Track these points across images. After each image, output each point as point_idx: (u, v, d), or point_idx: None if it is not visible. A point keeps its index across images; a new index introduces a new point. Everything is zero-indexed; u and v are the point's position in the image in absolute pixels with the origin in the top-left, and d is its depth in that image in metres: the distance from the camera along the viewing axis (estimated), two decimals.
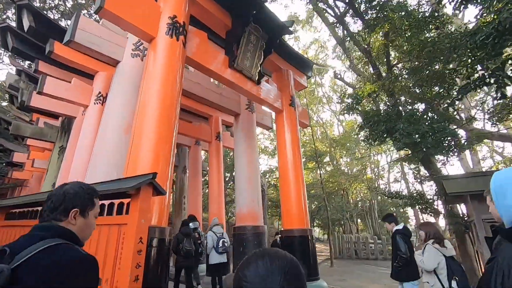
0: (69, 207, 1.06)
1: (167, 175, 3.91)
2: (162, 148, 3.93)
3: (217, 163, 9.01)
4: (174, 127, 4.26)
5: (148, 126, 3.98)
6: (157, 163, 3.82)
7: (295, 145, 7.24)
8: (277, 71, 7.83)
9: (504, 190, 1.05)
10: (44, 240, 0.93)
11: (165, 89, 4.26)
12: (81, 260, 0.95)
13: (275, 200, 23.56)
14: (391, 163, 29.36)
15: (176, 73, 4.46)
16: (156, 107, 4.11)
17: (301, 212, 6.68)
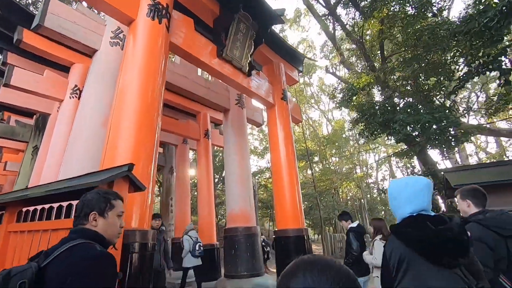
0: (88, 212, 1.23)
1: (149, 172, 3.47)
2: (144, 142, 3.49)
3: (206, 162, 8.56)
4: (157, 118, 3.82)
5: (127, 116, 3.53)
6: (137, 158, 3.38)
7: (288, 140, 6.89)
8: (268, 64, 7.48)
9: (396, 194, 1.40)
10: (71, 241, 1.09)
11: (147, 76, 3.82)
12: (96, 257, 1.07)
13: (265, 201, 23.19)
14: (380, 161, 29.60)
15: (159, 59, 4.03)
16: (136, 95, 3.66)
17: (296, 211, 6.33)
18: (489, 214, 1.95)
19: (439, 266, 1.18)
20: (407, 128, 4.75)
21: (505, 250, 1.80)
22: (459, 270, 1.20)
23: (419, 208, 1.32)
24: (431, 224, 1.23)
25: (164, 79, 4.20)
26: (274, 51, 7.41)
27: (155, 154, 3.68)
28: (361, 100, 6.68)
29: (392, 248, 1.30)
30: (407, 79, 6.30)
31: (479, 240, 1.81)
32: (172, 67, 6.51)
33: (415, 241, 1.22)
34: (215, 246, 8.05)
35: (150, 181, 3.49)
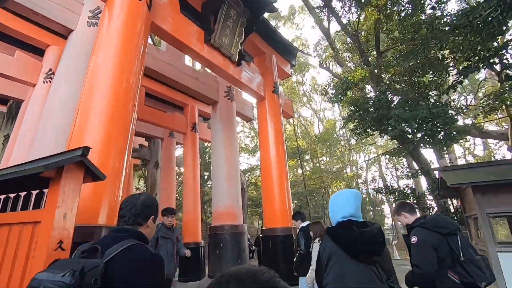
0: (149, 215, 1.37)
1: (121, 165, 3.11)
2: (116, 132, 3.14)
3: (193, 156, 8.18)
4: (133, 106, 3.47)
5: (98, 102, 3.17)
6: (107, 149, 3.02)
7: (279, 135, 6.59)
8: (259, 56, 7.15)
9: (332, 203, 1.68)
10: (124, 240, 1.17)
11: (123, 57, 3.46)
12: (152, 257, 1.18)
13: (255, 199, 22.87)
14: (370, 161, 29.70)
15: (138, 39, 3.66)
16: (109, 79, 3.30)
17: (284, 209, 6.05)
18: (428, 217, 2.22)
19: (358, 262, 1.43)
20: (403, 124, 4.50)
21: (448, 247, 2.05)
22: (374, 267, 1.47)
23: (348, 215, 1.57)
24: (356, 228, 1.50)
25: (143, 63, 3.83)
26: (266, 42, 7.09)
27: (129, 146, 3.32)
28: (355, 95, 6.44)
29: (325, 247, 1.55)
30: (402, 75, 6.07)
31: (424, 241, 2.07)
32: (157, 53, 6.11)
33: (342, 241, 1.47)
34: (200, 244, 7.70)
35: (122, 174, 3.13)
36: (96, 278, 1.00)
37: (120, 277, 1.06)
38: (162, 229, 3.98)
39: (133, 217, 1.32)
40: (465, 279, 1.96)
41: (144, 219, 1.34)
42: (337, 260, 1.46)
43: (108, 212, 2.89)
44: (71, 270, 0.99)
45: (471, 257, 2.02)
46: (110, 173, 2.98)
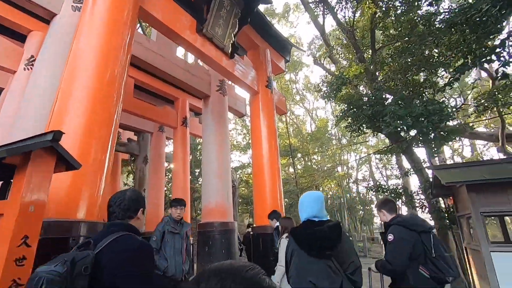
0: (138, 207, 1.45)
1: (103, 158, 2.91)
2: (97, 124, 2.95)
3: (183, 151, 7.97)
4: (118, 97, 3.28)
5: (79, 92, 2.97)
6: (88, 141, 2.83)
7: (272, 131, 6.45)
8: (253, 49, 6.98)
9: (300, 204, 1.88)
10: (114, 233, 1.25)
11: (108, 42, 3.26)
12: (140, 246, 1.25)
13: (246, 196, 22.74)
14: (360, 161, 29.93)
15: (125, 23, 3.45)
16: (92, 65, 3.10)
17: (276, 207, 5.91)
18: (404, 216, 2.39)
19: (313, 257, 1.58)
20: (398, 121, 4.42)
21: (421, 245, 2.19)
22: (330, 261, 1.59)
23: (310, 215, 1.73)
24: (314, 227, 1.65)
25: (129, 50, 3.62)
26: (260, 36, 6.92)
27: (113, 138, 3.13)
28: (349, 92, 6.34)
29: (289, 243, 1.71)
30: (397, 72, 6.00)
31: (401, 238, 2.22)
32: (147, 43, 5.87)
33: (299, 238, 1.64)
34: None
35: (104, 166, 2.93)
36: (87, 266, 1.08)
37: (109, 269, 1.13)
38: (169, 223, 3.46)
39: (123, 212, 1.39)
40: (435, 274, 2.12)
41: (134, 212, 1.43)
42: (297, 255, 1.64)
43: (88, 206, 2.69)
44: (62, 260, 1.08)
45: (442, 254, 2.19)
46: (91, 165, 2.80)
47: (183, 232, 3.54)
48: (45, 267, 1.07)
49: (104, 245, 1.19)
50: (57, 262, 1.08)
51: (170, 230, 3.41)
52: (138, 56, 5.65)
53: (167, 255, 3.33)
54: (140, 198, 1.49)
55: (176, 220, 3.49)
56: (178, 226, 3.50)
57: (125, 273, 1.15)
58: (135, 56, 5.63)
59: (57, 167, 1.70)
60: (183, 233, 3.53)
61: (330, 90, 5.86)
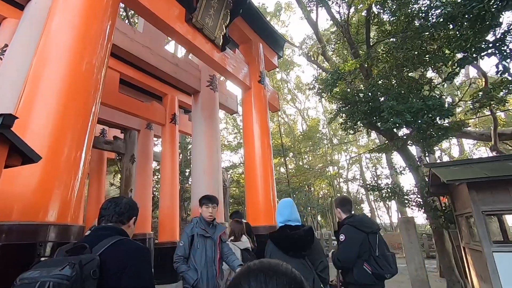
0: (131, 215, 1.46)
1: (77, 157, 2.61)
2: (72, 120, 2.66)
3: (171, 149, 7.64)
4: (95, 87, 2.97)
5: (50, 82, 2.67)
6: (60, 138, 2.53)
7: (264, 127, 6.21)
8: (245, 43, 6.73)
9: (279, 208, 2.16)
10: (110, 237, 1.22)
11: (85, 26, 2.95)
12: (141, 248, 1.26)
13: (237, 197, 22.44)
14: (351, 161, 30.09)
15: (104, 8, 3.15)
16: (66, 53, 2.80)
17: (269, 206, 5.68)
18: (356, 217, 2.54)
19: (290, 256, 1.82)
20: (396, 117, 4.25)
21: (368, 244, 2.40)
22: (304, 260, 1.86)
23: (285, 220, 1.98)
24: (289, 230, 1.90)
25: (110, 37, 3.31)
26: (253, 29, 6.68)
27: (90, 134, 2.82)
28: (344, 88, 6.16)
29: (268, 245, 1.93)
30: (392, 68, 5.85)
31: (351, 238, 2.41)
32: (133, 33, 5.53)
33: (277, 240, 1.90)
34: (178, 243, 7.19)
35: (79, 164, 2.62)
36: (95, 270, 1.06)
37: (113, 273, 1.12)
38: (200, 224, 2.81)
39: (116, 215, 1.38)
40: (376, 271, 2.36)
41: (127, 219, 1.42)
42: (275, 255, 1.83)
43: (60, 207, 2.38)
44: (69, 263, 1.01)
45: (384, 253, 2.41)
46: (64, 161, 2.49)
47: (216, 237, 2.83)
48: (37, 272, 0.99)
49: (104, 248, 1.16)
50: (57, 266, 1.01)
51: (200, 233, 2.76)
52: (123, 48, 5.31)
53: (197, 265, 2.67)
54: (135, 207, 1.50)
55: (207, 221, 2.83)
56: (210, 228, 2.84)
57: (130, 277, 1.15)
58: (119, 48, 5.30)
59: (11, 159, 1.40)
60: (217, 237, 2.83)
61: (325, 86, 5.65)
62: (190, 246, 2.74)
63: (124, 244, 1.23)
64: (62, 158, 2.48)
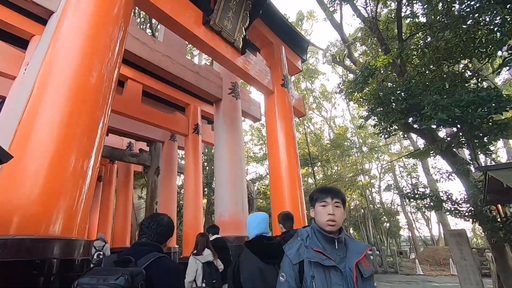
0: (169, 236, 1.55)
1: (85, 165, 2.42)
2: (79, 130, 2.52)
3: (195, 160, 7.47)
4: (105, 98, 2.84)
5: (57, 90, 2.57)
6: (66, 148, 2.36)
7: (289, 134, 5.83)
8: (266, 47, 6.48)
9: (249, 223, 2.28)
10: (152, 253, 1.34)
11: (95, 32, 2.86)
12: (178, 267, 1.40)
13: (264, 209, 21.94)
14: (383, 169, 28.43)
15: (116, 11, 3.03)
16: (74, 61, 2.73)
17: (298, 218, 5.20)
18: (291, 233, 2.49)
19: (265, 263, 2.00)
20: (441, 113, 3.67)
21: None
22: (275, 267, 1.99)
23: (262, 232, 2.20)
24: (265, 240, 2.13)
25: (121, 47, 3.17)
26: (274, 32, 6.43)
27: (98, 146, 2.64)
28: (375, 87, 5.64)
29: (244, 252, 2.12)
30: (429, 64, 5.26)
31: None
32: (153, 43, 5.50)
33: (255, 249, 2.08)
34: None
35: (86, 177, 2.42)
36: (142, 282, 1.17)
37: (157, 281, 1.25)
38: (313, 241, 1.43)
39: (157, 236, 1.46)
40: None
41: (166, 239, 1.51)
42: (251, 262, 1.99)
43: (65, 220, 2.16)
44: (122, 274, 1.13)
45: None
46: (71, 173, 2.29)
47: (351, 265, 1.34)
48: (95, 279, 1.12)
49: (148, 263, 1.26)
50: (112, 275, 1.12)
51: (313, 260, 1.37)
52: (143, 58, 5.27)
53: None
54: (173, 227, 1.59)
55: (327, 234, 1.40)
56: (335, 249, 1.39)
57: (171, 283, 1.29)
58: (140, 58, 5.27)
59: None
60: (351, 266, 1.33)
61: (355, 84, 5.18)
62: (300, 282, 1.40)
63: (164, 261, 1.32)
64: (68, 169, 2.29)
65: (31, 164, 2.12)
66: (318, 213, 1.45)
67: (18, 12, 4.81)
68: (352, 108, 31.36)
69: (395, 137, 29.82)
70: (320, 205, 1.44)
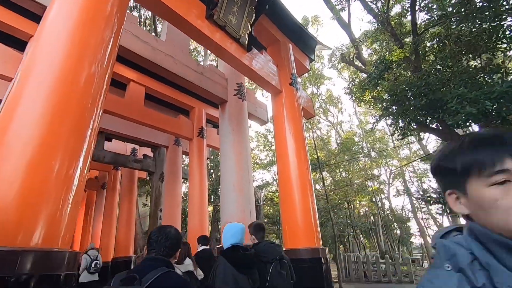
0: (178, 248, 1.58)
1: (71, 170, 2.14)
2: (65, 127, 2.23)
3: (199, 165, 7.17)
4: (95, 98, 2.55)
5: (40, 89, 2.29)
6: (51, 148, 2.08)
7: (299, 136, 5.50)
8: (273, 45, 6.21)
9: (225, 233, 2.37)
10: (158, 268, 1.33)
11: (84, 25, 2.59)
12: (184, 280, 1.39)
13: (272, 216, 21.47)
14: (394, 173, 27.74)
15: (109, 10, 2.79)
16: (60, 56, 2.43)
17: (309, 226, 4.84)
18: (260, 244, 2.66)
19: (240, 272, 2.10)
20: (469, 107, 3.32)
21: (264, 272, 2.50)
22: (247, 277, 2.16)
23: (235, 242, 2.28)
24: (241, 251, 2.23)
25: (115, 44, 2.90)
26: (281, 30, 6.17)
27: (87, 150, 2.35)
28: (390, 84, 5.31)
29: (220, 261, 2.17)
30: (447, 59, 4.91)
31: None
32: (155, 42, 5.28)
33: (231, 258, 2.15)
34: None
35: (72, 184, 2.13)
36: None
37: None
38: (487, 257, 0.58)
39: (166, 250, 1.49)
40: None
41: (175, 251, 1.55)
42: (226, 271, 2.09)
43: (46, 230, 1.86)
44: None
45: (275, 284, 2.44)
46: (54, 179, 2.01)
47: None
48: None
49: (153, 279, 1.27)
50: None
51: None
52: (145, 57, 5.05)
53: None
54: (181, 239, 1.61)
55: None
56: None
57: None
58: (141, 57, 5.04)
59: None
60: None
61: (369, 80, 4.85)
62: None
63: (170, 278, 1.32)
64: (50, 171, 2.01)
65: (5, 164, 1.84)
66: (490, 204, 0.57)
67: (15, 12, 4.64)
68: (359, 113, 30.94)
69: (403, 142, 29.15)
70: (492, 183, 0.57)
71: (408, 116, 4.54)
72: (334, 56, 27.45)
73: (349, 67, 20.82)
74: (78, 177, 2.17)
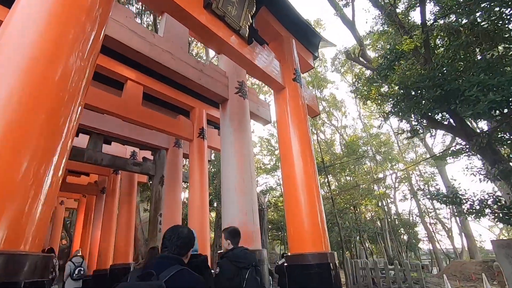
0: (190, 247, 1.64)
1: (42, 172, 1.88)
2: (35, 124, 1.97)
3: (200, 166, 6.89)
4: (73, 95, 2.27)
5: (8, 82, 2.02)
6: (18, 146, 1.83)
7: (303, 133, 5.20)
8: (275, 40, 5.97)
9: None
10: (173, 266, 1.41)
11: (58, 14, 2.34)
12: (198, 278, 1.44)
13: (276, 221, 21.03)
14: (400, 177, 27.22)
15: None
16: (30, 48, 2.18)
17: (316, 228, 4.51)
18: (235, 250, 2.75)
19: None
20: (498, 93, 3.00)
21: (239, 278, 2.58)
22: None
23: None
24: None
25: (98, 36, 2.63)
26: (283, 25, 5.93)
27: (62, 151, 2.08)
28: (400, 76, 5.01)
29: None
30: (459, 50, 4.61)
31: (223, 271, 2.63)
32: (152, 38, 5.05)
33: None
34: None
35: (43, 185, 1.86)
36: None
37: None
38: None
39: (178, 249, 1.56)
40: None
41: (187, 251, 1.61)
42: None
43: (8, 232, 1.58)
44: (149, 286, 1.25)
45: None
46: (21, 179, 1.74)
47: None
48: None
49: (169, 276, 1.32)
50: None
51: None
52: (141, 52, 4.82)
53: None
54: (193, 238, 1.69)
55: None
56: None
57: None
58: (138, 52, 4.81)
59: None
60: None
61: (378, 72, 4.56)
62: None
63: (185, 274, 1.40)
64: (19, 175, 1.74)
65: None
66: None
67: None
68: (364, 117, 30.59)
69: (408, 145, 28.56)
70: None
71: (421, 110, 4.23)
72: (337, 59, 27.23)
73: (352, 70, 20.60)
74: (50, 177, 1.91)
